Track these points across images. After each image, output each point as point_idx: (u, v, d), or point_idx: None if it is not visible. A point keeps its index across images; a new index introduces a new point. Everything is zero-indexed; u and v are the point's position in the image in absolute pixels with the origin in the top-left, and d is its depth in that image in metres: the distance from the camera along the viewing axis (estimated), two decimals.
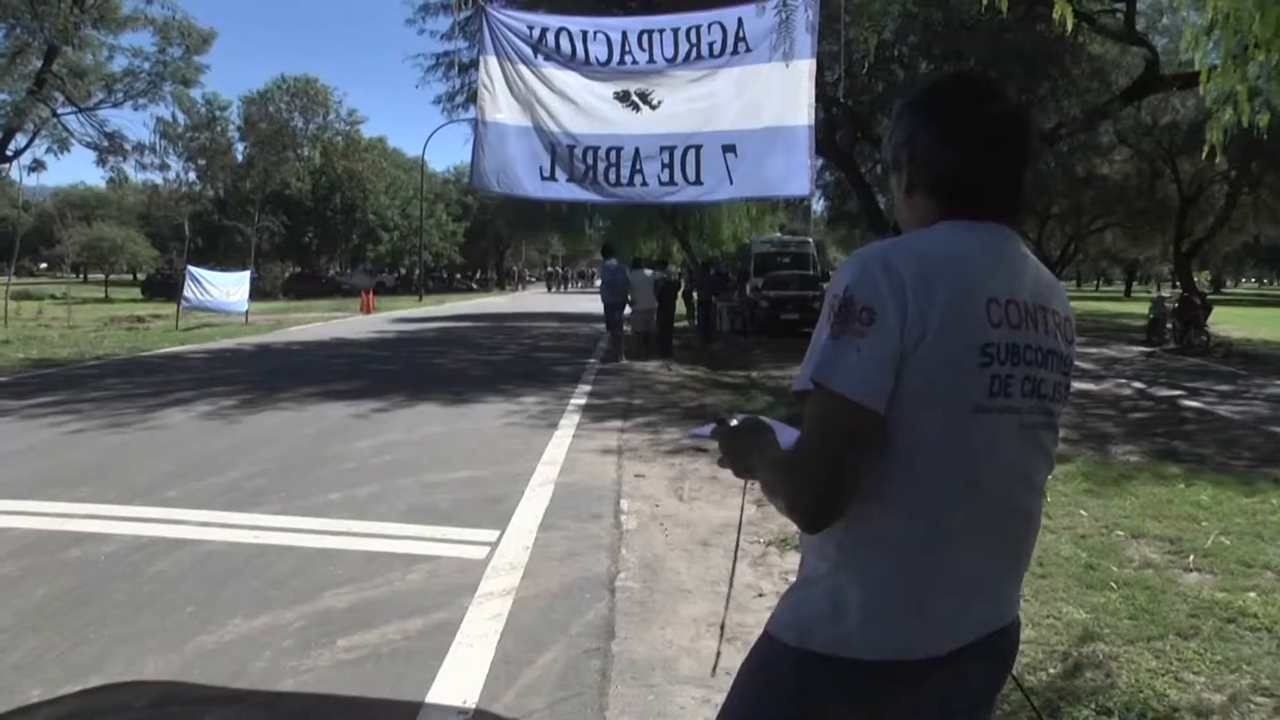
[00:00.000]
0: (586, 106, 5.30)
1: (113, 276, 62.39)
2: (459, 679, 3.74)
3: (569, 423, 9.85)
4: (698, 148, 5.29)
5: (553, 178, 5.30)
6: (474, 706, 3.51)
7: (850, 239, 47.75)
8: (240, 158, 50.24)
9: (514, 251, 72.32)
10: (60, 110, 19.13)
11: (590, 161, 5.30)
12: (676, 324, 19.77)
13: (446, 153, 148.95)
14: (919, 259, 1.44)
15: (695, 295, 24.62)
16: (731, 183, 5.30)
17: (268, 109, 54.19)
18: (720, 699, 3.52)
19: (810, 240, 30.44)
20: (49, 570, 4.98)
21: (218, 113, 47.88)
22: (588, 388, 12.86)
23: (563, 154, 5.28)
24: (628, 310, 17.49)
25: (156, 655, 3.94)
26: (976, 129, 1.54)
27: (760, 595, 4.71)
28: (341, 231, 57.23)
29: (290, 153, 50.29)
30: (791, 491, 1.44)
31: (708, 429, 1.84)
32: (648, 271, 17.89)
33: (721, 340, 21.53)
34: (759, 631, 1.60)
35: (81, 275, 70.94)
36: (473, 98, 27.37)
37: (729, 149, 5.28)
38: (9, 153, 17.93)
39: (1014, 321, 1.47)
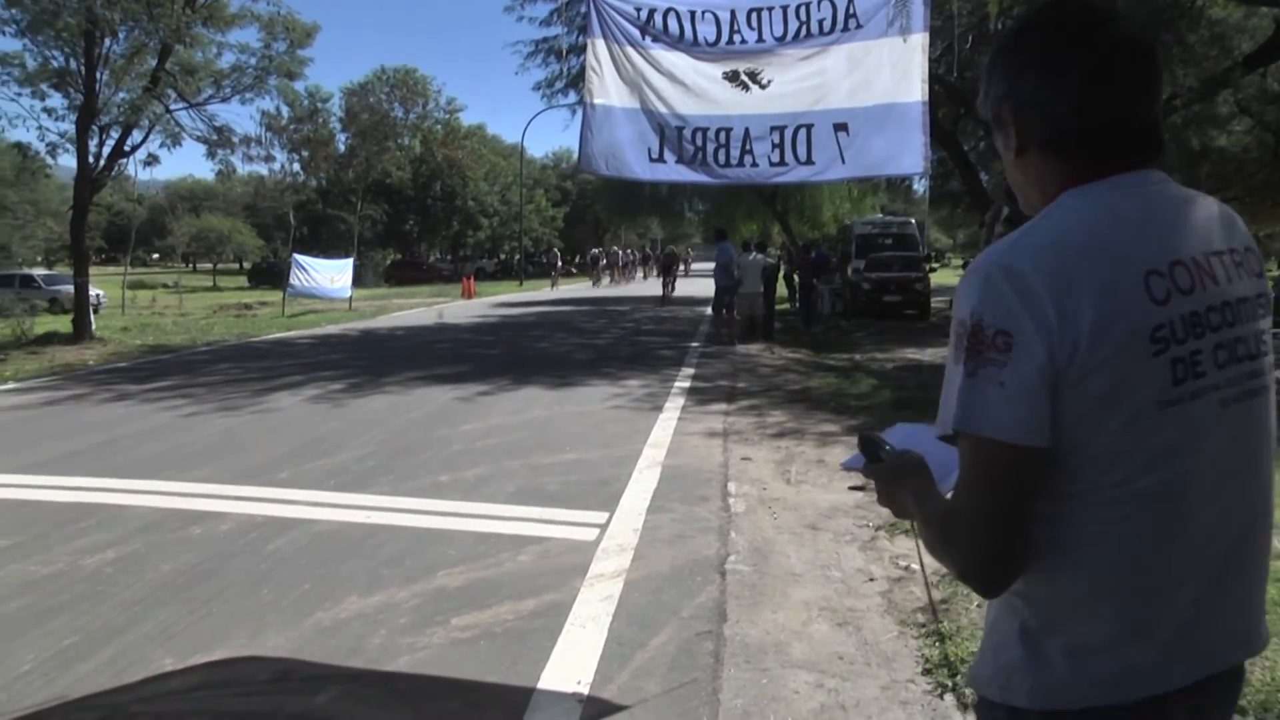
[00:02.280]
0: (695, 87, 5.25)
1: (220, 266, 64.76)
2: (572, 660, 3.76)
3: (673, 406, 9.84)
4: (808, 127, 5.19)
5: (661, 159, 5.26)
6: (588, 688, 3.52)
7: (952, 219, 46.59)
8: (342, 148, 51.49)
9: (612, 235, 72.58)
10: (173, 106, 19.85)
11: (699, 143, 5.24)
12: (777, 307, 19.61)
13: (545, 138, 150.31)
14: (1049, 254, 1.23)
15: (796, 278, 24.38)
16: (843, 162, 5.19)
17: (368, 100, 55.36)
18: (835, 683, 3.54)
19: (912, 221, 29.83)
20: (173, 547, 5.19)
21: (319, 105, 49.17)
22: (691, 371, 12.83)
23: (671, 136, 5.24)
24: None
25: (276, 630, 4.06)
26: (1090, 61, 1.31)
27: (871, 580, 4.66)
28: (441, 218, 58.23)
29: (391, 142, 51.32)
30: (959, 557, 1.28)
31: (860, 460, 1.67)
32: (756, 255, 17.77)
33: (822, 323, 21.28)
34: (871, 616, 1.50)
35: (191, 265, 73.76)
36: (572, 82, 27.74)
37: (840, 128, 5.16)
38: (126, 148, 18.69)
39: (1184, 287, 1.26)
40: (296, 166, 44.67)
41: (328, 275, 25.25)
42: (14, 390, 11.44)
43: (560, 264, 32.26)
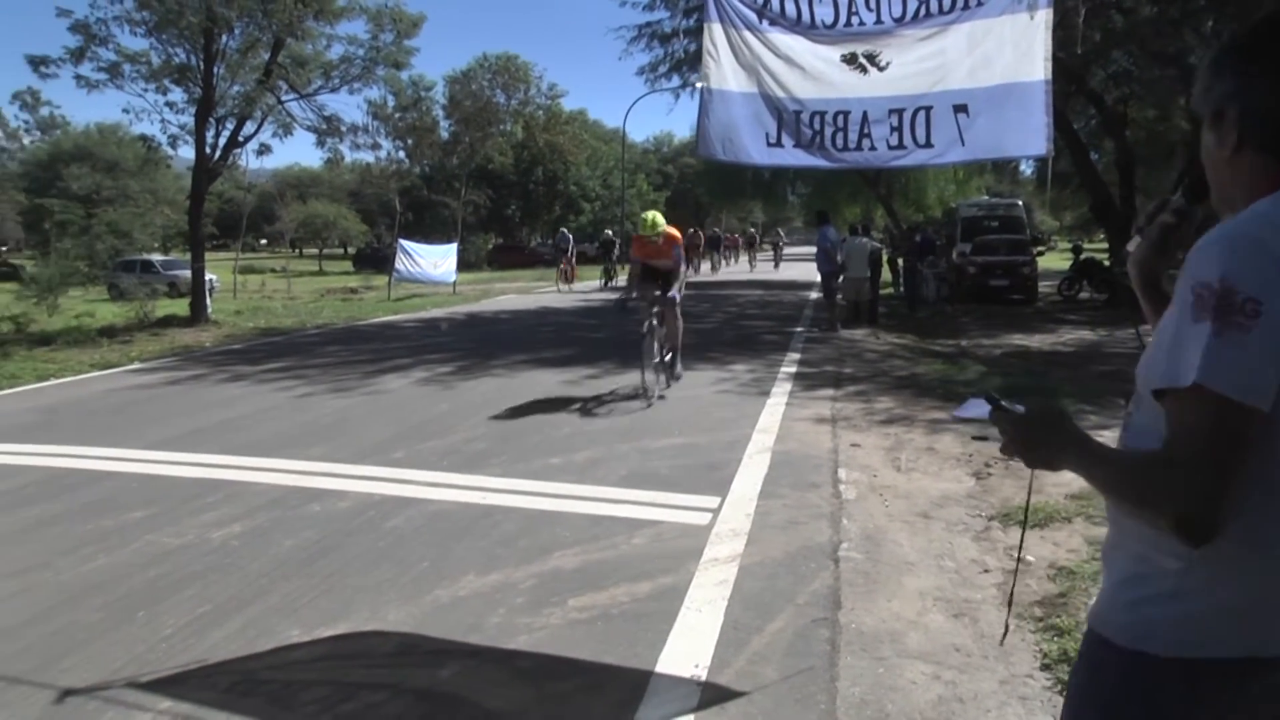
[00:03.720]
0: (813, 71, 5.19)
1: (325, 251, 66.62)
2: (689, 644, 3.77)
3: (781, 391, 9.78)
4: (927, 109, 5.09)
5: (779, 144, 5.22)
6: (705, 672, 3.52)
7: (1060, 200, 45.06)
8: (445, 135, 52.37)
9: (713, 219, 72.38)
10: (284, 98, 20.48)
11: (817, 126, 5.18)
12: (880, 291, 19.31)
13: (646, 123, 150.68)
14: None
15: (900, 262, 23.96)
16: (963, 144, 5.06)
17: (470, 87, 56.17)
18: (952, 675, 3.48)
19: (1019, 203, 28.90)
20: (294, 523, 5.37)
21: (423, 93, 50.09)
22: (796, 356, 12.74)
23: (789, 120, 5.19)
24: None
25: (396, 606, 4.16)
26: None
27: (986, 571, 4.57)
28: (543, 203, 58.85)
29: (493, 128, 51.99)
30: (1178, 504, 1.31)
31: (983, 409, 1.68)
32: (863, 239, 17.51)
33: (927, 308, 20.86)
34: (987, 607, 1.49)
35: (297, 250, 75.99)
36: (675, 67, 27.72)
37: (960, 109, 5.04)
38: (240, 139, 19.43)
39: None
40: (401, 154, 45.57)
41: (432, 260, 25.71)
42: (139, 370, 11.96)
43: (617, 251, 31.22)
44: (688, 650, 3.71)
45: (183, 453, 7.12)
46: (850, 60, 5.12)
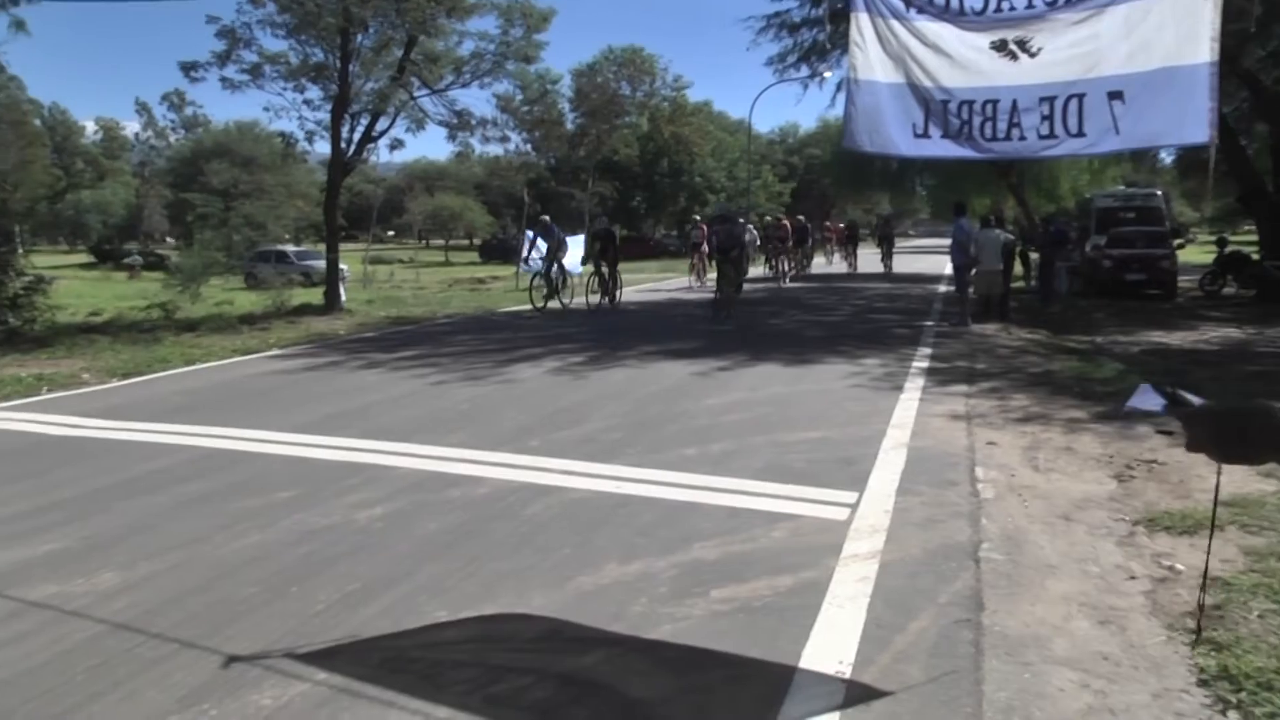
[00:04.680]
0: (961, 59, 5.05)
1: (451, 242, 68.26)
2: (832, 640, 3.72)
3: (913, 386, 9.61)
4: (1080, 96, 4.88)
5: (926, 135, 5.10)
6: (850, 669, 3.47)
7: (1202, 191, 42.86)
8: (571, 127, 53.02)
9: (838, 211, 71.50)
10: (416, 93, 21.05)
11: (965, 116, 5.04)
12: (1011, 285, 18.77)
13: (772, 113, 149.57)
14: None
15: (1031, 255, 23.21)
16: (1118, 133, 4.83)
17: (596, 80, 56.71)
18: (1101, 684, 3.35)
19: (1159, 193, 27.57)
20: (436, 507, 5.51)
21: (549, 87, 50.82)
22: (927, 350, 12.49)
23: (937, 110, 5.07)
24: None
25: (540, 591, 4.21)
26: None
27: (1132, 578, 4.40)
28: (668, 194, 59.06)
29: (619, 120, 52.47)
30: None
31: (1155, 400, 1.56)
32: (996, 231, 17.02)
33: (1059, 302, 20.16)
34: (1136, 616, 1.40)
35: (424, 241, 78.06)
36: (804, 56, 27.47)
37: (1115, 96, 4.81)
38: (374, 134, 20.08)
39: None
40: (528, 146, 46.46)
41: None
42: (278, 356, 12.46)
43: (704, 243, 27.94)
44: (831, 646, 3.66)
45: (324, 436, 7.38)
46: (1000, 47, 4.98)
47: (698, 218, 33.64)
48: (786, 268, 28.45)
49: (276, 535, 5.05)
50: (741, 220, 22.58)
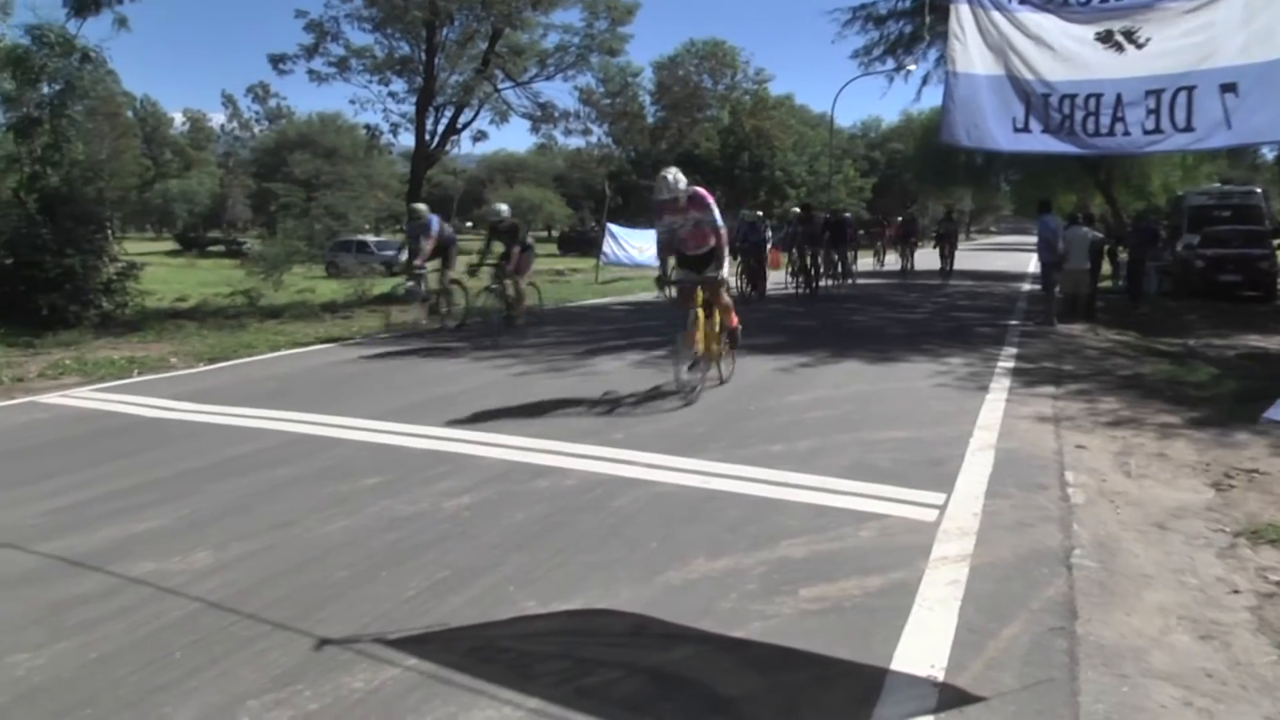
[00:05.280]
0: (1064, 51, 4.92)
1: (531, 234, 68.89)
2: (923, 643, 3.68)
3: (999, 386, 9.45)
4: (1189, 89, 4.69)
5: (1026, 129, 4.98)
6: (942, 674, 3.43)
7: None
8: (652, 120, 53.19)
9: (920, 207, 70.54)
10: (500, 85, 21.27)
11: (1067, 110, 4.90)
12: (1098, 284, 18.33)
13: (854, 107, 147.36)
14: None
15: (1120, 254, 22.62)
16: (1229, 127, 4.63)
17: (678, 73, 56.75)
18: (1206, 703, 3.26)
19: (1257, 190, 26.60)
20: (522, 497, 5.56)
21: (630, 79, 50.99)
22: (1013, 350, 12.27)
23: (1037, 103, 4.94)
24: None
25: (627, 585, 4.23)
26: None
27: (1235, 592, 4.26)
28: (748, 188, 58.76)
29: (700, 113, 52.50)
30: None
31: None
32: (1084, 229, 16.64)
33: (1149, 303, 19.62)
34: (1241, 632, 1.32)
35: None
36: (890, 49, 27.13)
37: (1228, 88, 4.61)
38: (458, 126, 20.36)
39: None
40: (609, 139, 46.72)
41: (638, 244, 26.09)
42: (360, 344, 12.69)
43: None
44: (923, 649, 3.62)
45: (408, 424, 7.49)
46: (1105, 38, 4.84)
47: (771, 222, 32.54)
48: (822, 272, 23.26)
49: (365, 521, 5.15)
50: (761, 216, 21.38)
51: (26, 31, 14.32)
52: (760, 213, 22.86)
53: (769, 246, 20.67)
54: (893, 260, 32.43)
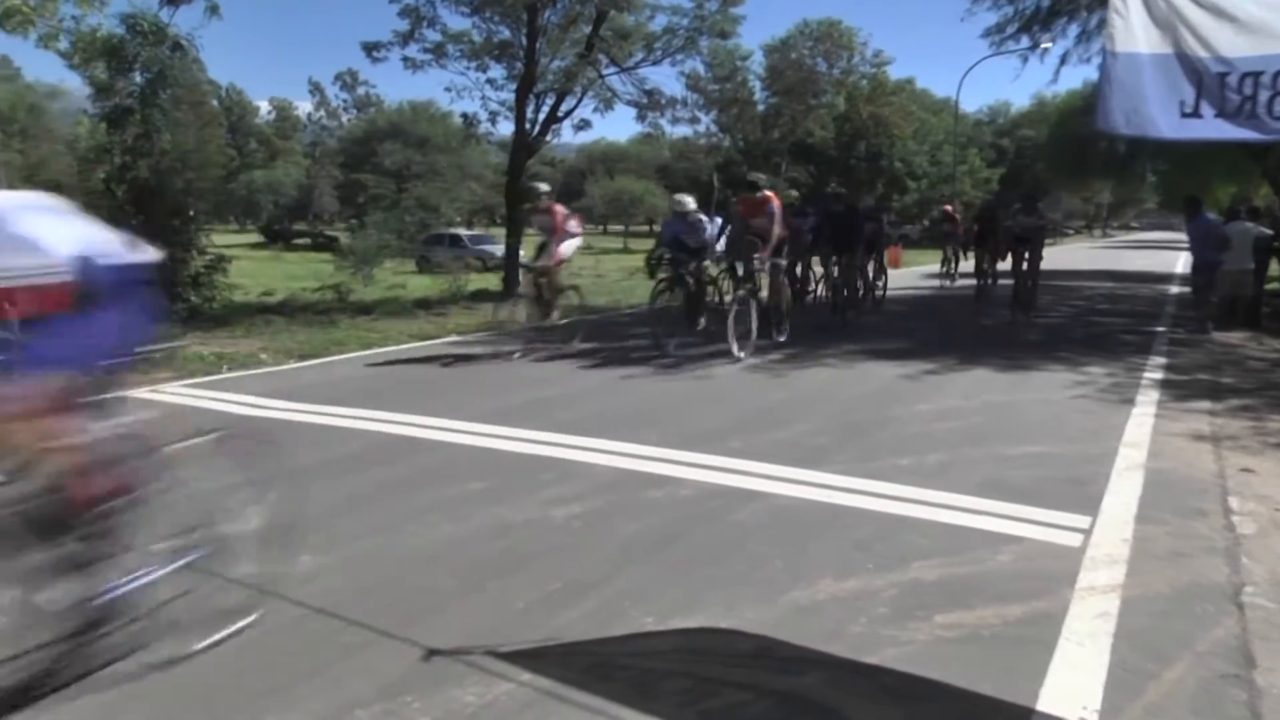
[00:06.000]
0: (1250, 20, 4.59)
1: (631, 228, 69.15)
2: (1073, 681, 3.58)
3: (1146, 399, 9.18)
4: None
5: (1196, 114, 4.70)
6: (1096, 716, 3.33)
7: None
8: (762, 107, 52.98)
9: (1052, 199, 68.84)
10: (604, 71, 21.34)
11: (1249, 91, 4.59)
12: (1265, 287, 17.58)
13: (981, 90, 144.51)
14: None
15: None
16: None
17: (790, 56, 56.36)
18: None
19: None
20: (635, 507, 5.61)
21: (738, 63, 50.88)
22: (1161, 360, 11.90)
23: (1211, 84, 4.65)
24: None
25: (750, 604, 4.23)
26: None
27: None
28: (865, 180, 58.17)
29: (815, 100, 52.13)
30: None
31: None
32: (1247, 224, 16.01)
33: None
34: None
35: (602, 227, 79.43)
36: (1025, 26, 26.45)
37: None
38: (559, 114, 20.49)
39: None
40: (716, 127, 46.70)
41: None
42: (456, 342, 12.92)
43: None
44: (1072, 688, 3.52)
45: (509, 427, 7.63)
46: None
47: (890, 218, 31.65)
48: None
49: (471, 528, 5.26)
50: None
51: (121, 20, 14.92)
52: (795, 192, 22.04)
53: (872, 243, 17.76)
54: (952, 268, 25.71)
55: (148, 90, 15.07)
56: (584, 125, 31.82)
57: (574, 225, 12.48)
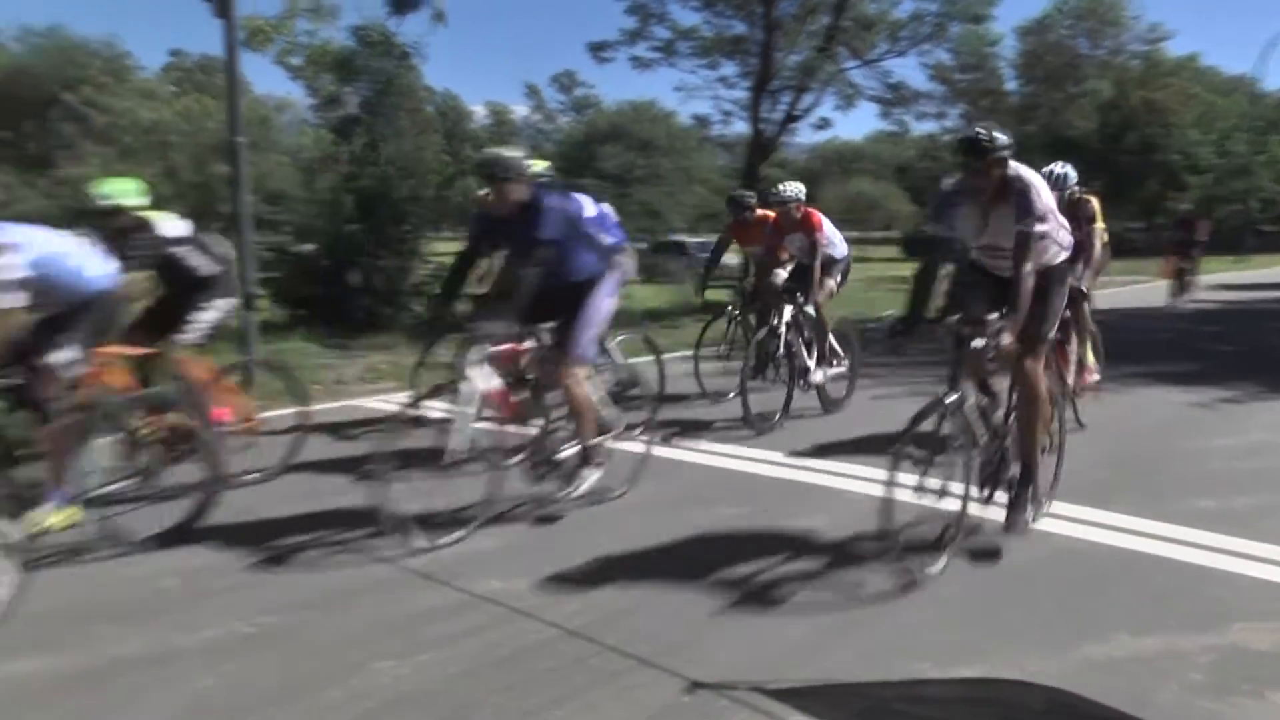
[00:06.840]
0: None
1: (866, 234, 68.28)
2: None
3: None
4: None
5: None
6: None
7: None
8: (1014, 97, 51.32)
9: None
10: (845, 65, 21.17)
11: None
12: None
13: None
14: None
15: None
16: None
17: (1047, 38, 54.32)
18: None
19: None
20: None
21: (986, 49, 49.43)
22: None
23: None
24: None
25: (1034, 655, 4.12)
26: None
27: None
28: (1131, 178, 55.12)
29: (1077, 87, 50.10)
30: None
31: None
32: None
33: None
34: None
35: None
36: None
37: None
38: (796, 112, 20.42)
39: None
40: (963, 122, 45.56)
41: None
42: (690, 358, 13.02)
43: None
44: None
45: (752, 448, 7.88)
46: None
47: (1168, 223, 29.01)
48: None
49: (729, 553, 5.36)
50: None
51: (351, 32, 15.90)
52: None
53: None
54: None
55: (374, 100, 15.96)
56: (824, 124, 31.70)
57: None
